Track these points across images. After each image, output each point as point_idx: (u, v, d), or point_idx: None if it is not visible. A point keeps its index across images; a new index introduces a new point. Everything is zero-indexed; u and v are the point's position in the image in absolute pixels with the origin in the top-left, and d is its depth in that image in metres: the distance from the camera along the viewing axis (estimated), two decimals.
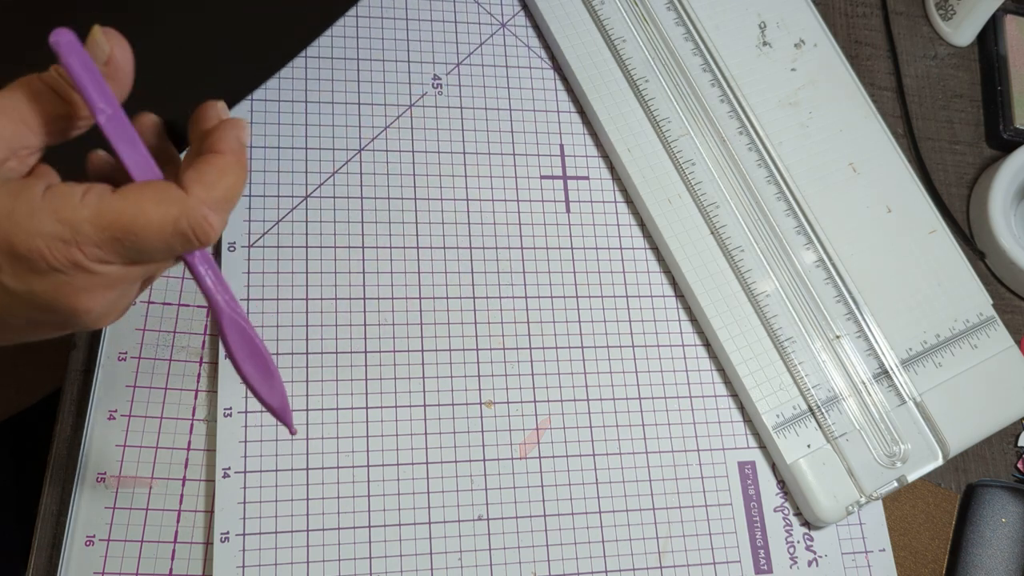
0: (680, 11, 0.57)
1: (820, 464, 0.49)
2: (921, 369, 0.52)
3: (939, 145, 0.63)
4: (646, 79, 0.55)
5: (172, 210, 0.28)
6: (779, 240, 0.53)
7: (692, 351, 0.52)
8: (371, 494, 0.45)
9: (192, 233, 0.29)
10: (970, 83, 0.65)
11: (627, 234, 0.54)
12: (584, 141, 0.55)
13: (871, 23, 0.65)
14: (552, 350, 0.50)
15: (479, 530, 0.46)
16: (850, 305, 0.52)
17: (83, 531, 0.42)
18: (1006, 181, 0.59)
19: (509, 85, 0.55)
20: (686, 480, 0.49)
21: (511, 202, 0.52)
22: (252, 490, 0.44)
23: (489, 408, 0.48)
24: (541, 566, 0.46)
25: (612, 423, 0.49)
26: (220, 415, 0.45)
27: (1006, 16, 0.66)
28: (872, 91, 0.62)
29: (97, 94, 0.28)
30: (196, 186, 0.29)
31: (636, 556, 0.47)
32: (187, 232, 0.29)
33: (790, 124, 0.56)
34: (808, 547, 0.49)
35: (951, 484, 0.54)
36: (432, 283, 0.50)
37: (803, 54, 0.58)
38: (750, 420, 0.51)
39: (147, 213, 0.28)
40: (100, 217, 0.27)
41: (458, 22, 0.56)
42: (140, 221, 0.28)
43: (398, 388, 0.47)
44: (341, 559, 0.44)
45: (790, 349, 0.51)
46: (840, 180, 0.55)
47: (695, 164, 0.54)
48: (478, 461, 0.47)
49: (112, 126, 0.29)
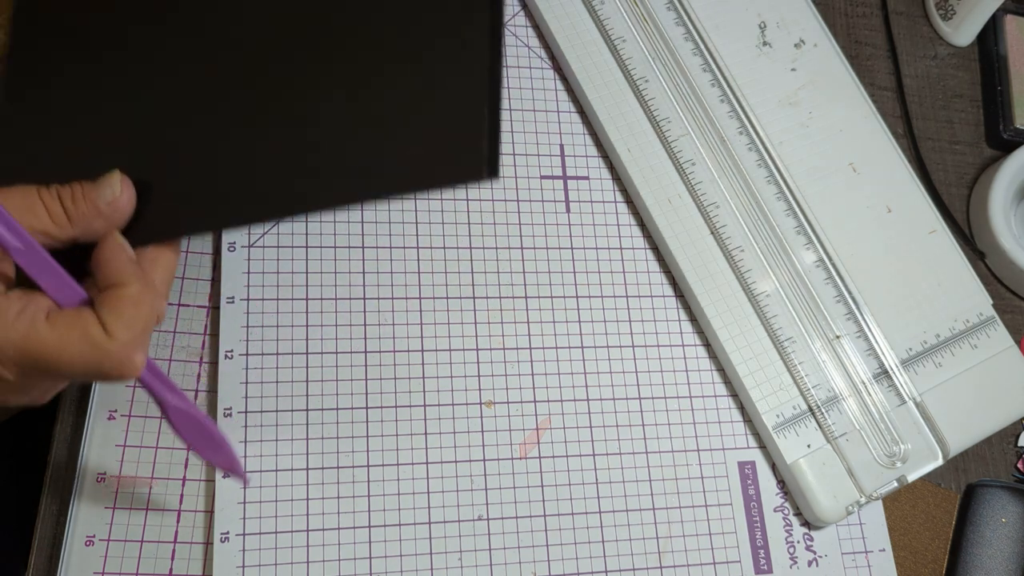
0: (680, 11, 0.57)
1: (820, 464, 0.49)
2: (921, 369, 0.52)
3: (939, 145, 0.63)
4: (646, 79, 0.55)
5: (95, 354, 0.30)
6: (779, 240, 0.53)
7: (692, 351, 0.52)
8: (371, 494, 0.45)
9: (115, 373, 0.31)
10: (970, 83, 0.65)
11: (627, 234, 0.54)
12: (584, 141, 0.55)
13: (871, 23, 0.65)
14: (552, 350, 0.50)
15: (479, 530, 0.46)
16: (850, 305, 0.52)
17: (83, 531, 0.42)
18: (1006, 181, 0.59)
19: (509, 85, 0.55)
20: (686, 480, 0.49)
21: (511, 202, 0.52)
22: (252, 490, 0.44)
23: (489, 408, 0.48)
24: (541, 566, 0.46)
25: (612, 423, 0.49)
26: (220, 415, 0.45)
27: (1006, 16, 0.66)
28: (872, 91, 0.62)
29: (7, 234, 0.30)
30: (117, 327, 0.31)
31: (636, 556, 0.47)
32: (110, 373, 0.31)
33: (790, 124, 0.56)
34: (808, 547, 0.49)
35: (951, 484, 0.54)
36: (432, 283, 0.50)
37: (803, 54, 0.58)
38: (750, 420, 0.51)
39: (71, 353, 0.30)
40: (26, 345, 0.30)
41: None
42: (64, 359, 0.30)
43: (398, 388, 0.47)
44: (341, 559, 0.44)
45: (790, 349, 0.51)
46: (840, 180, 0.55)
47: (695, 164, 0.54)
48: (478, 461, 0.47)
49: (26, 260, 0.31)
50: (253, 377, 0.46)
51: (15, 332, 0.30)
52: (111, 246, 0.33)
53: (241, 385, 0.45)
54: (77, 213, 0.32)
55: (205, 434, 0.37)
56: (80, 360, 0.30)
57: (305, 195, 0.35)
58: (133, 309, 0.31)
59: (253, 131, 0.36)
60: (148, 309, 0.32)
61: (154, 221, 0.35)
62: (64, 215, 0.32)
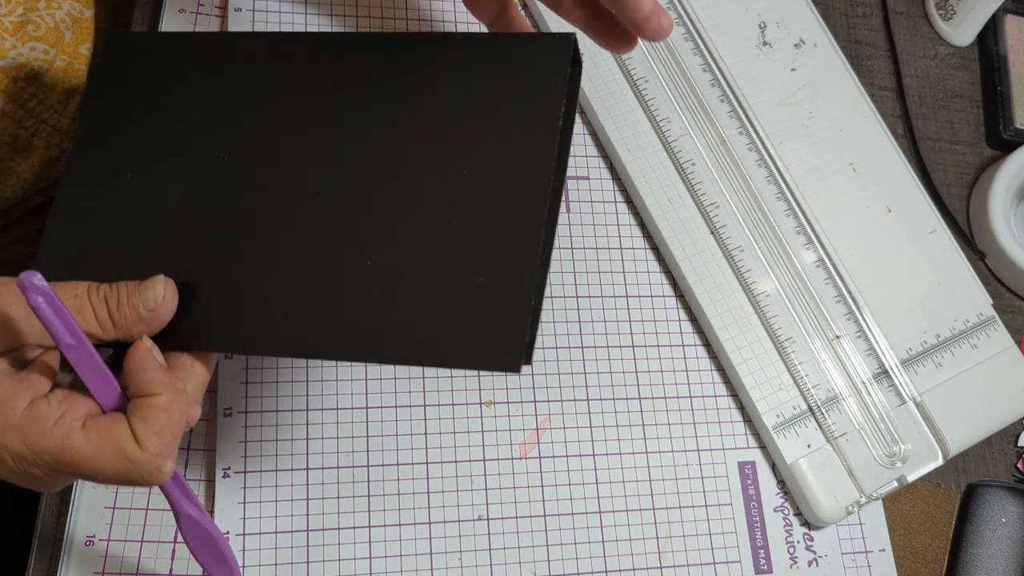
0: (680, 11, 0.57)
1: (820, 464, 0.49)
2: (921, 369, 0.52)
3: (939, 145, 0.63)
4: (646, 79, 0.55)
5: (126, 464, 0.32)
6: (779, 240, 0.53)
7: (692, 351, 0.52)
8: (371, 494, 0.45)
9: (143, 480, 0.33)
10: (970, 83, 0.65)
11: (627, 234, 0.54)
12: (584, 141, 0.55)
13: (871, 23, 0.65)
14: (552, 350, 0.50)
15: (479, 530, 0.46)
16: (850, 305, 0.52)
17: (83, 531, 0.42)
18: (1006, 181, 0.59)
19: None
20: (686, 480, 0.49)
21: None
22: (252, 489, 0.44)
23: (489, 408, 0.48)
24: (541, 566, 0.46)
25: (612, 423, 0.49)
26: (220, 415, 0.45)
27: (1006, 16, 0.66)
28: (872, 91, 0.62)
29: (62, 329, 0.31)
30: (147, 437, 0.32)
31: (636, 556, 0.47)
32: (139, 481, 0.32)
33: (790, 124, 0.56)
34: (808, 547, 0.49)
35: (951, 484, 0.54)
36: None
37: (803, 54, 0.58)
38: (750, 420, 0.51)
39: (103, 464, 0.32)
40: (61, 455, 0.31)
41: (458, 22, 0.56)
42: (96, 468, 0.32)
43: (398, 388, 0.47)
44: (341, 559, 0.44)
45: (790, 349, 0.51)
46: (840, 180, 0.55)
47: (695, 164, 0.54)
48: (478, 461, 0.47)
49: (75, 356, 0.32)
50: (253, 377, 0.46)
51: (52, 441, 0.32)
52: (141, 353, 0.34)
53: (241, 385, 0.45)
54: (120, 318, 0.34)
55: (214, 549, 0.37)
56: (112, 470, 0.32)
57: (342, 345, 0.35)
58: (163, 417, 0.33)
59: (306, 255, 0.36)
60: (178, 417, 0.33)
61: (193, 329, 0.35)
62: (109, 319, 0.34)
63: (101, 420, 0.33)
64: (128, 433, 0.32)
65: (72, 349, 0.32)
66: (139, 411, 0.33)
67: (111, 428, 0.32)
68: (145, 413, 0.33)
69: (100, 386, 0.33)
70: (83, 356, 0.32)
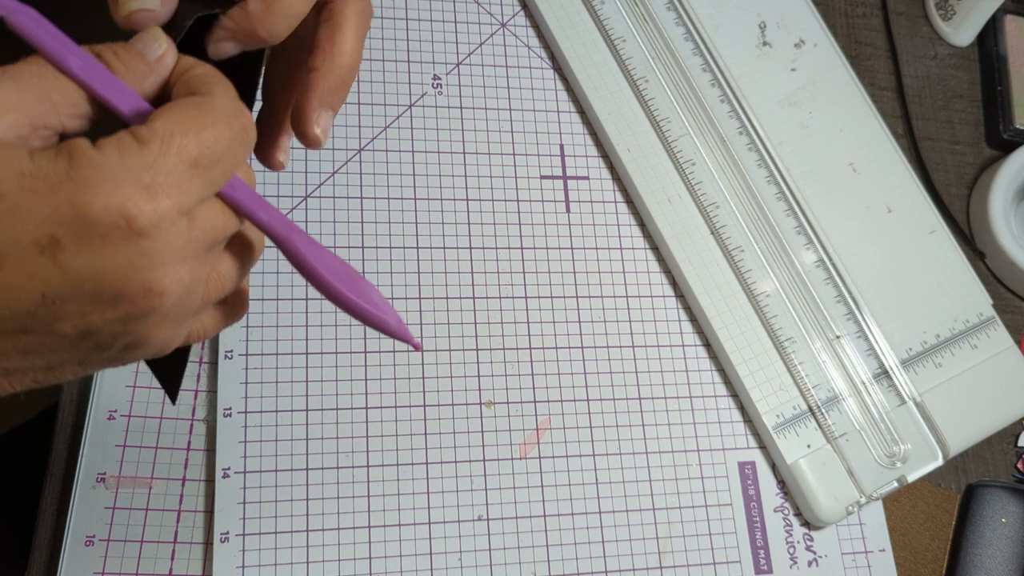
0: (680, 11, 0.57)
1: (820, 464, 0.49)
2: (921, 369, 0.52)
3: (939, 145, 0.63)
4: (646, 79, 0.55)
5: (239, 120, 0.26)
6: (779, 240, 0.53)
7: (692, 351, 0.52)
8: (371, 494, 0.45)
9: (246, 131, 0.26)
10: (970, 83, 0.65)
11: (627, 234, 0.54)
12: (584, 141, 0.55)
13: (871, 23, 0.65)
14: (552, 350, 0.50)
15: (479, 530, 0.46)
16: (850, 305, 0.52)
17: (83, 531, 0.42)
18: (1006, 181, 0.59)
19: (509, 85, 0.55)
20: (686, 480, 0.49)
21: (511, 202, 0.52)
22: (252, 490, 0.44)
23: (489, 408, 0.48)
24: (541, 566, 0.46)
25: (612, 423, 0.49)
26: (220, 415, 0.45)
27: (1006, 16, 0.66)
28: (872, 91, 0.62)
29: (59, 47, 0.25)
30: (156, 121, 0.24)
31: (636, 556, 0.47)
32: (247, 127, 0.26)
33: (790, 124, 0.56)
34: (808, 547, 0.49)
35: (951, 484, 0.54)
36: (432, 283, 0.50)
37: (803, 54, 0.58)
38: (750, 420, 0.51)
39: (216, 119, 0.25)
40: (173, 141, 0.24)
41: (458, 22, 0.56)
42: (215, 133, 0.25)
43: (398, 388, 0.47)
44: (341, 559, 0.44)
45: (790, 349, 0.51)
46: (840, 180, 0.55)
47: (695, 164, 0.54)
48: (478, 461, 0.47)
49: (87, 74, 0.25)
50: (253, 377, 0.46)
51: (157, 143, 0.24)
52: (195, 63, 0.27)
53: (241, 385, 0.45)
54: (127, 68, 0.26)
55: (354, 279, 0.29)
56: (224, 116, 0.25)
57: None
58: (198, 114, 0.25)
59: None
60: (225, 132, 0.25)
61: None
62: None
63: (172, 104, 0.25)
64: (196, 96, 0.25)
65: (82, 68, 0.25)
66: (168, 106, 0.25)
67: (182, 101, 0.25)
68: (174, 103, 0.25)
69: (128, 101, 0.26)
70: (95, 72, 0.25)
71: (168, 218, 0.23)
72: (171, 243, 0.24)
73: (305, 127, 0.31)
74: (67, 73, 0.25)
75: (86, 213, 0.22)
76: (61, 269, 0.23)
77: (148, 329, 0.25)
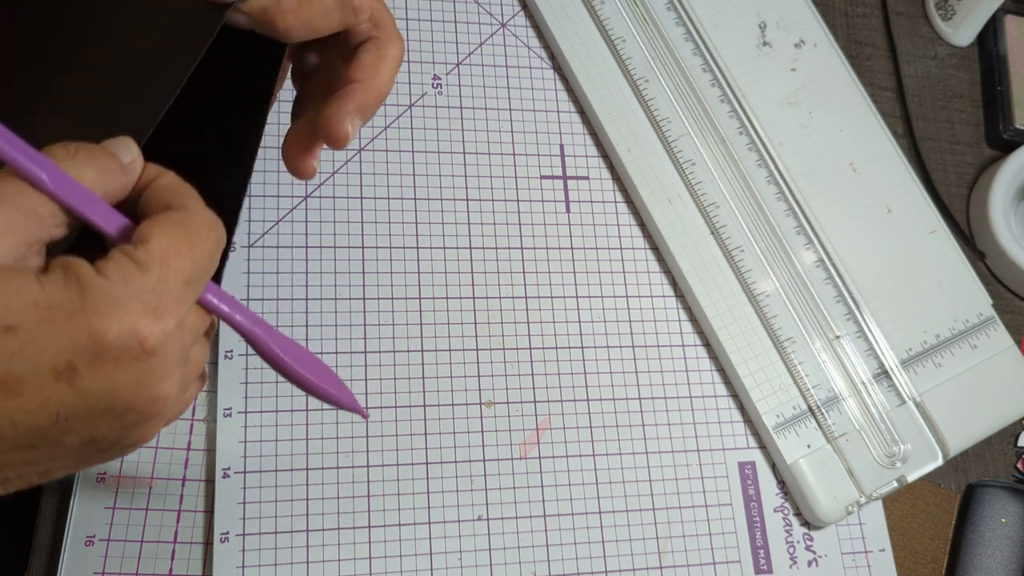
0: (680, 11, 0.57)
1: (820, 464, 0.49)
2: (921, 369, 0.52)
3: (939, 145, 0.63)
4: (646, 79, 0.55)
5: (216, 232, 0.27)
6: (779, 240, 0.53)
7: (692, 351, 0.52)
8: (371, 494, 0.45)
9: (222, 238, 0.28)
10: (970, 83, 0.65)
11: (627, 234, 0.54)
12: (584, 141, 0.55)
13: (871, 23, 0.65)
14: (552, 350, 0.50)
15: (479, 530, 0.46)
16: (850, 305, 0.52)
17: (83, 531, 0.42)
18: (1006, 181, 0.59)
19: (509, 85, 0.55)
20: (686, 480, 0.49)
21: (511, 202, 0.52)
22: (252, 490, 0.44)
23: (489, 408, 0.48)
24: (541, 566, 0.46)
25: (612, 423, 0.49)
26: (220, 415, 0.45)
27: (1006, 16, 0.66)
28: (872, 91, 0.62)
29: (35, 167, 0.25)
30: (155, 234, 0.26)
31: (636, 556, 0.47)
32: (222, 235, 0.28)
33: (790, 124, 0.56)
34: (808, 547, 0.49)
35: (951, 484, 0.54)
36: (432, 283, 0.50)
37: (803, 54, 0.58)
38: (750, 420, 0.51)
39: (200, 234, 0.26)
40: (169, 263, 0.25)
41: (458, 22, 0.56)
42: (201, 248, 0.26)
43: (398, 388, 0.47)
44: (341, 559, 0.44)
45: (790, 349, 0.51)
46: (840, 180, 0.55)
47: (695, 164, 0.54)
48: (478, 461, 0.47)
49: (60, 189, 0.26)
50: (253, 377, 0.46)
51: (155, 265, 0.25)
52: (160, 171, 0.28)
53: (241, 385, 0.45)
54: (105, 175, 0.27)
55: (318, 365, 0.31)
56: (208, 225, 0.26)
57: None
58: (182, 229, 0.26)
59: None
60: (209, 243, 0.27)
61: None
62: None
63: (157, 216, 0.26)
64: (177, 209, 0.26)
65: (55, 183, 0.25)
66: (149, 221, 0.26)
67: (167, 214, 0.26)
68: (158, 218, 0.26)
69: (103, 214, 0.26)
70: (67, 186, 0.26)
71: (172, 334, 0.25)
72: (173, 355, 0.26)
73: (338, 125, 0.34)
74: (46, 192, 0.26)
75: (103, 340, 0.24)
76: (76, 391, 0.24)
77: (147, 430, 0.28)
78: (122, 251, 0.25)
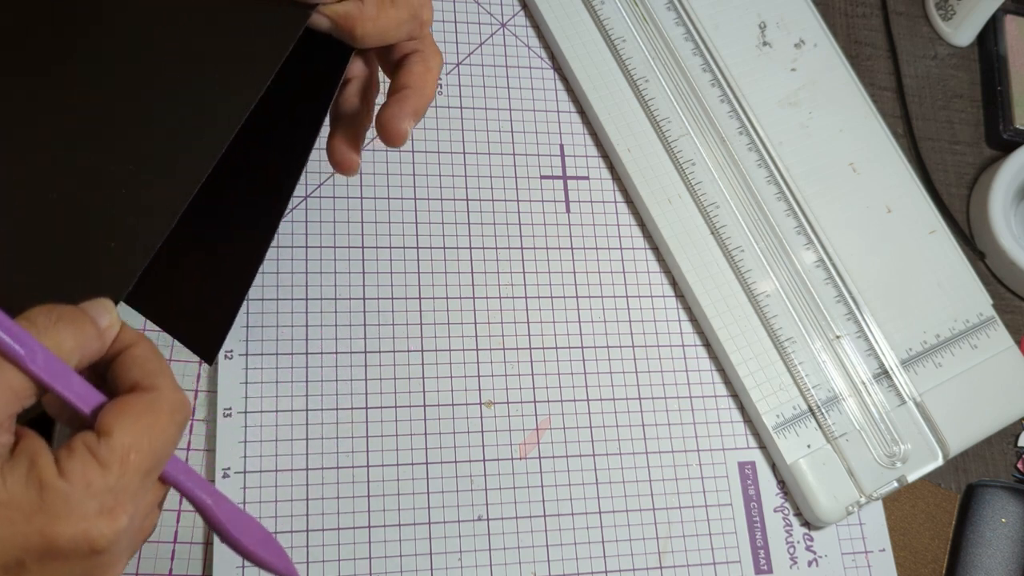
0: (680, 11, 0.57)
1: (820, 464, 0.49)
2: (921, 369, 0.52)
3: (939, 145, 0.63)
4: (646, 79, 0.55)
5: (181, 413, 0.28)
6: (779, 240, 0.53)
7: (692, 351, 0.52)
8: (371, 494, 0.45)
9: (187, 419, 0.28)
10: (970, 83, 0.65)
11: (627, 234, 0.54)
12: (584, 141, 0.55)
13: (871, 23, 0.65)
14: (552, 350, 0.50)
15: (479, 530, 0.46)
16: (850, 305, 0.52)
17: None
18: (1006, 181, 0.59)
19: (509, 85, 0.55)
20: (686, 480, 0.49)
21: (511, 202, 0.52)
22: (252, 490, 0.44)
23: (489, 408, 0.48)
24: (541, 566, 0.46)
25: (612, 423, 0.49)
26: (220, 415, 0.45)
27: (1006, 16, 0.66)
28: (872, 91, 0.62)
29: (9, 339, 0.25)
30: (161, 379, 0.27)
31: (636, 556, 0.47)
32: (187, 416, 0.28)
33: (790, 124, 0.56)
34: (808, 547, 0.49)
35: (951, 484, 0.54)
36: (432, 283, 0.50)
37: (803, 54, 0.58)
38: (750, 420, 0.51)
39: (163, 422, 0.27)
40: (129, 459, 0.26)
41: (458, 22, 0.56)
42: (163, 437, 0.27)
43: (398, 388, 0.47)
44: (341, 559, 0.44)
45: (790, 349, 0.51)
46: (840, 180, 0.55)
47: (695, 164, 0.54)
48: (478, 461, 0.47)
49: (44, 368, 0.26)
50: (253, 377, 0.46)
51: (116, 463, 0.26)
52: (131, 337, 0.28)
53: (241, 385, 0.45)
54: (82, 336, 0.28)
55: (264, 537, 0.31)
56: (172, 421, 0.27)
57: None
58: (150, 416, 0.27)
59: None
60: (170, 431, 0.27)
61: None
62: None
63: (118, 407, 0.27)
64: (143, 395, 0.27)
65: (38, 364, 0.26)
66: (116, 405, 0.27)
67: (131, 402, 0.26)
68: (124, 405, 0.27)
69: (83, 394, 0.27)
70: (50, 368, 0.26)
71: (123, 531, 0.26)
72: (123, 546, 0.27)
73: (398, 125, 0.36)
74: (25, 371, 0.26)
75: (54, 543, 0.25)
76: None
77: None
78: (85, 444, 0.26)
